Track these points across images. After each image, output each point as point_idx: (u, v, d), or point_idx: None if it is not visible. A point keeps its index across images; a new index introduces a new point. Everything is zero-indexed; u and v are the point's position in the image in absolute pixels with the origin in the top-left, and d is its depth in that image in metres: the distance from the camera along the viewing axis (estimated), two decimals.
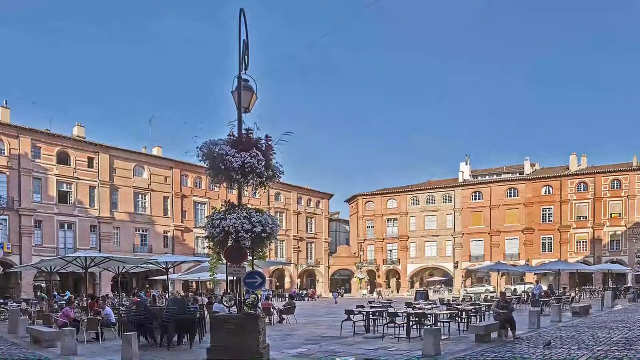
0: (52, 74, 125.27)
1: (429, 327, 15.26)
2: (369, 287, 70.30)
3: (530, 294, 35.58)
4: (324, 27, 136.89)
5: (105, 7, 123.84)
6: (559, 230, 62.50)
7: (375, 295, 58.46)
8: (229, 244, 11.26)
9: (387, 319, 17.61)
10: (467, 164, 71.94)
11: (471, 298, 35.09)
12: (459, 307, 20.47)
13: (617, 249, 59.97)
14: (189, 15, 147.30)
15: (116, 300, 29.02)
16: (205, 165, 11.66)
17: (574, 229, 62.05)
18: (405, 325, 16.59)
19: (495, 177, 70.90)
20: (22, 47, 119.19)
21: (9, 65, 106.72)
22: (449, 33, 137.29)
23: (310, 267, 71.93)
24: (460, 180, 70.50)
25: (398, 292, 68.80)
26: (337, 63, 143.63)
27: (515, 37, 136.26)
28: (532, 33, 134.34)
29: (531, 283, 52.80)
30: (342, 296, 62.47)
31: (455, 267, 68.07)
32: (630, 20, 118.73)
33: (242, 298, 11.64)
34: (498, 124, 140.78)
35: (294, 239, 68.34)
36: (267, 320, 15.55)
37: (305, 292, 60.54)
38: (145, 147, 55.02)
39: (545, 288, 38.21)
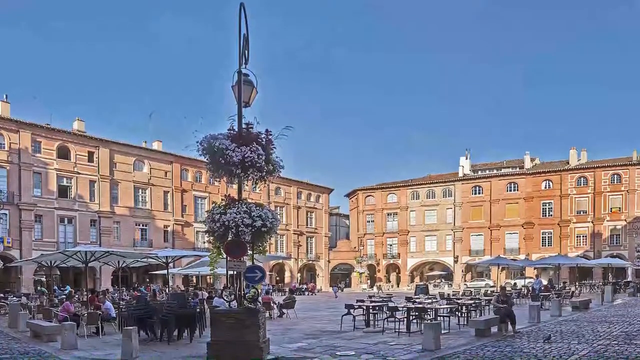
0: (52, 71, 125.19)
1: (429, 321, 15.27)
2: (368, 281, 70.41)
3: (530, 288, 35.62)
4: (324, 26, 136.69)
5: (104, 5, 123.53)
6: (558, 224, 62.56)
7: (375, 289, 58.50)
8: (229, 238, 11.23)
9: (387, 313, 17.62)
10: (467, 158, 71.93)
11: (471, 292, 35.08)
12: (458, 301, 20.49)
13: (616, 243, 60.06)
14: (188, 14, 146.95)
15: (116, 295, 29.03)
16: (205, 160, 11.62)
17: (573, 223, 62.11)
18: (405, 319, 16.59)
19: (495, 171, 70.81)
20: (23, 45, 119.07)
21: (10, 63, 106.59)
22: (448, 31, 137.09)
23: (310, 262, 72.01)
24: (460, 174, 70.52)
25: (398, 286, 68.96)
26: (337, 61, 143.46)
27: (515, 34, 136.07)
28: (532, 29, 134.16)
29: (531, 277, 52.91)
30: (342, 290, 62.57)
31: (455, 262, 68.15)
32: (630, 16, 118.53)
33: (242, 292, 11.62)
34: (498, 118, 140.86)
35: (294, 233, 68.39)
36: (267, 315, 15.57)
37: (305, 286, 60.64)
38: (145, 142, 55.00)
39: (545, 282, 38.23)
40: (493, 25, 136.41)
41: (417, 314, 16.83)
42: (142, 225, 52.45)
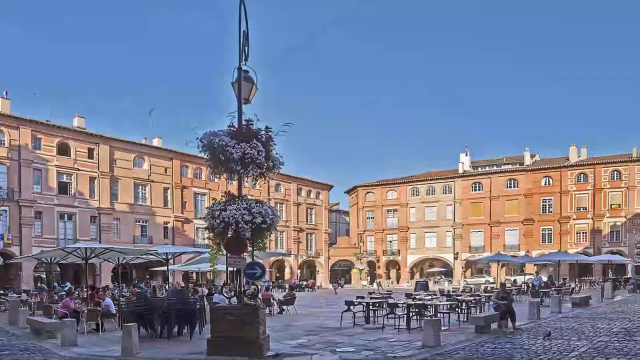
0: (52, 68, 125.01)
1: (429, 317, 15.27)
2: (368, 277, 70.43)
3: (530, 284, 35.61)
4: (324, 20, 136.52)
5: (104, 2, 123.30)
6: (558, 221, 62.54)
7: (375, 285, 58.53)
8: (229, 235, 11.24)
9: (386, 310, 17.62)
10: (466, 155, 71.86)
11: (471, 289, 35.09)
12: (458, 297, 20.50)
13: (616, 239, 60.07)
14: (189, 10, 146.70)
15: (116, 291, 29.00)
16: (205, 156, 11.63)
17: (573, 219, 62.11)
18: (405, 316, 16.61)
19: (495, 167, 70.86)
20: (23, 41, 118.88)
21: (10, 58, 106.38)
22: (446, 27, 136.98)
23: (310, 258, 72.02)
24: (460, 171, 70.47)
25: (398, 282, 68.91)
26: (337, 56, 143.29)
27: (514, 30, 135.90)
28: (531, 26, 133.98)
29: (531, 274, 52.87)
30: (342, 287, 62.56)
31: (455, 258, 68.19)
32: (629, 11, 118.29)
33: (242, 289, 11.63)
34: (498, 115, 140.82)
35: (294, 230, 68.37)
36: (267, 311, 15.56)
37: (305, 282, 60.66)
38: (145, 138, 55.01)
39: (544, 279, 38.27)
40: (490, 21, 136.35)
41: (417, 310, 16.83)
42: (142, 222, 52.42)
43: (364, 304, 18.94)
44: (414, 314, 16.78)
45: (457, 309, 18.64)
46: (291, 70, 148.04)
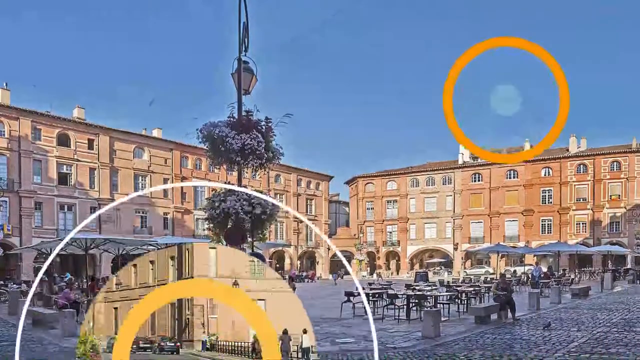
0: (52, 61, 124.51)
1: (429, 308, 15.29)
2: (368, 268, 70.55)
3: (530, 275, 35.66)
4: (325, 11, 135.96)
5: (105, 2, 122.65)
6: (558, 211, 62.58)
7: (374, 276, 58.64)
8: (229, 226, 11.21)
9: (386, 301, 17.64)
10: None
11: (471, 279, 35.18)
12: (458, 288, 20.52)
13: (616, 230, 60.12)
14: (188, 8, 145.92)
15: None
16: (205, 147, 11.59)
17: (573, 210, 62.14)
18: (405, 306, 16.62)
19: None
20: (24, 35, 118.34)
21: (10, 56, 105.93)
22: (446, 27, 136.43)
23: (310, 249, 72.12)
24: (460, 161, 70.40)
25: (397, 273, 69.11)
26: (337, 54, 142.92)
27: (514, 19, 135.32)
28: (531, 14, 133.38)
29: (530, 264, 52.95)
30: (342, 277, 62.66)
31: (455, 249, 68.26)
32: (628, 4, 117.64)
33: None
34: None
35: (294, 221, 68.39)
36: None
37: (304, 273, 60.77)
38: (145, 129, 54.88)
39: (544, 269, 38.32)
40: (491, 15, 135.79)
41: (416, 301, 16.84)
42: (142, 213, 52.46)
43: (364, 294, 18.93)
44: (413, 304, 16.80)
45: (456, 300, 18.65)
46: (291, 69, 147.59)
